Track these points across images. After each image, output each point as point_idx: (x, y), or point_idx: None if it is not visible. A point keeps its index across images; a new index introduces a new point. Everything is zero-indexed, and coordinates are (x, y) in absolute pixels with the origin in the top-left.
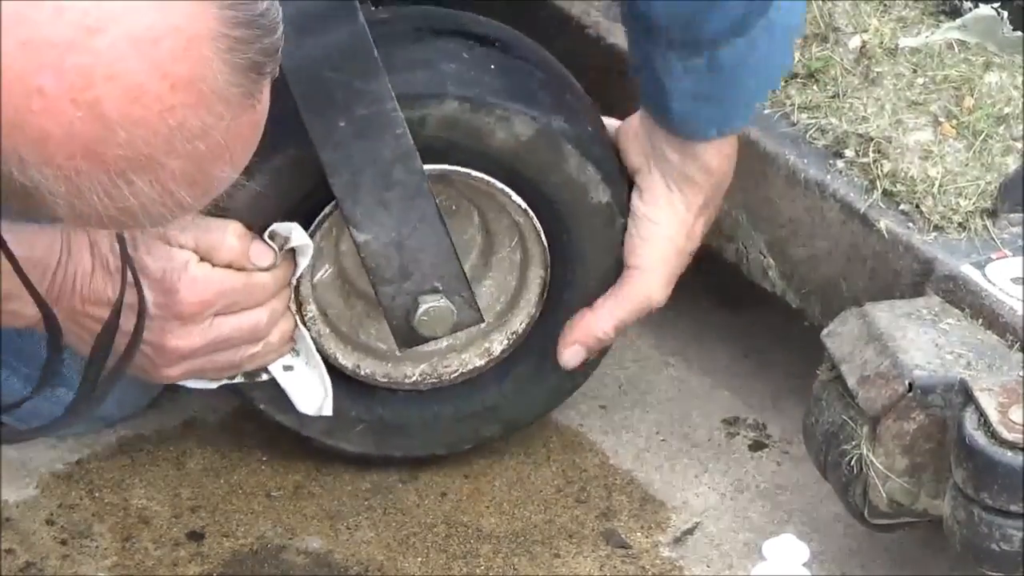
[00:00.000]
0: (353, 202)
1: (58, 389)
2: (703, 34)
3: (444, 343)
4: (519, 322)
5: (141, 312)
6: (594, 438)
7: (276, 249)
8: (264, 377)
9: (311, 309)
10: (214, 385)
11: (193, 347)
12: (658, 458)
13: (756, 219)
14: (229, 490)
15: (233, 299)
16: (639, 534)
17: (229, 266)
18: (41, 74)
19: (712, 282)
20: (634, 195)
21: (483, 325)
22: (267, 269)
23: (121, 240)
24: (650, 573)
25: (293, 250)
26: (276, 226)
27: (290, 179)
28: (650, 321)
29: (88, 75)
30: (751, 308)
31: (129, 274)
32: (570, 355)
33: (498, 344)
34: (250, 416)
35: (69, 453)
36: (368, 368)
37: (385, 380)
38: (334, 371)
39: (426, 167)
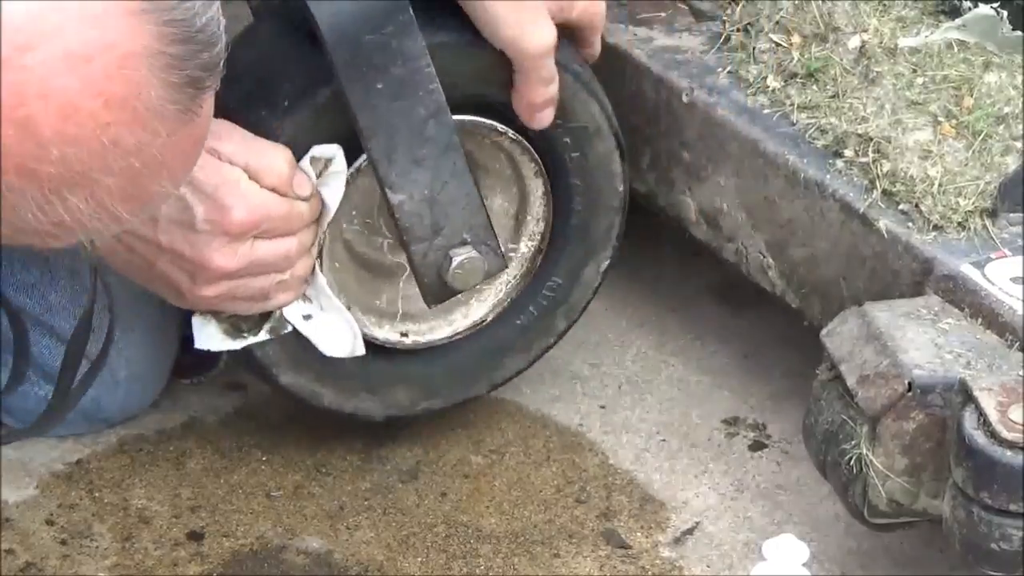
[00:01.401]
0: (389, 163)
1: (48, 389)
2: None
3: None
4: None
5: (112, 316)
6: (594, 438)
7: (314, 176)
8: (288, 328)
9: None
10: (238, 345)
11: (234, 266)
12: (658, 458)
13: (756, 219)
14: (229, 490)
15: (274, 224)
16: (639, 534)
17: (273, 191)
18: None
19: (712, 282)
20: None
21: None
22: (305, 199)
23: (94, 261)
24: (650, 573)
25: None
26: (315, 150)
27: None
28: (650, 321)
29: (20, 93)
30: (751, 308)
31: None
32: (540, 120)
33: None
34: (250, 416)
35: (69, 453)
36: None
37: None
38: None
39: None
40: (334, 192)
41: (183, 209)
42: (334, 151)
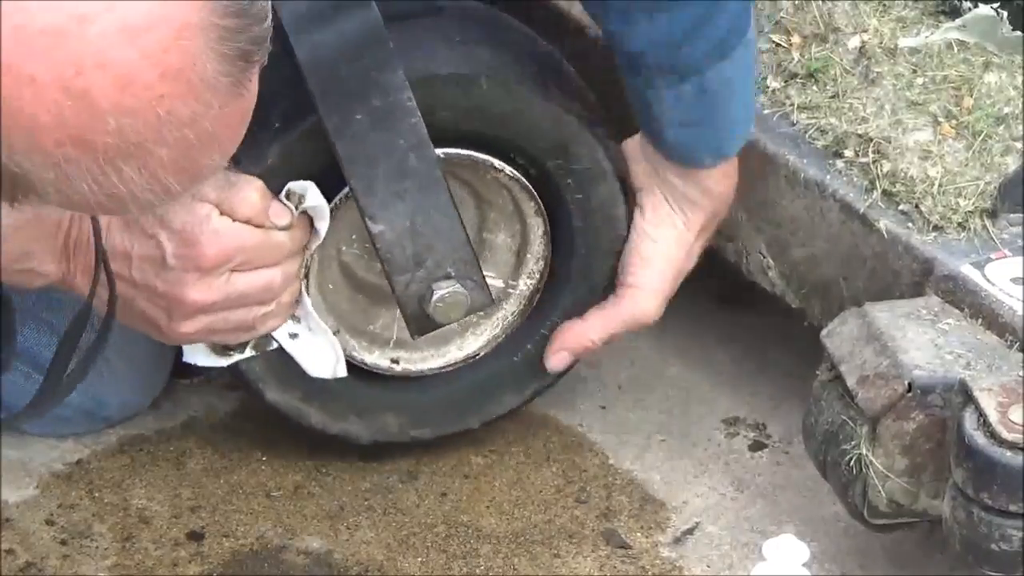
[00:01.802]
0: (369, 194)
1: (40, 380)
2: (688, 60)
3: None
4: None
5: (111, 302)
6: (594, 438)
7: (293, 209)
8: (273, 346)
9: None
10: (224, 362)
11: (210, 300)
12: (658, 458)
13: (756, 219)
14: (229, 490)
15: (251, 256)
16: (639, 534)
17: (248, 222)
18: (32, 62)
19: (712, 282)
20: (636, 213)
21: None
22: (284, 228)
23: (96, 228)
24: (650, 573)
25: (310, 217)
26: (291, 185)
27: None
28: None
29: (79, 63)
30: (751, 308)
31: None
32: (557, 360)
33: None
34: (250, 416)
35: (69, 453)
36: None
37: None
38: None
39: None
40: (321, 219)
41: (154, 246)
42: (306, 187)
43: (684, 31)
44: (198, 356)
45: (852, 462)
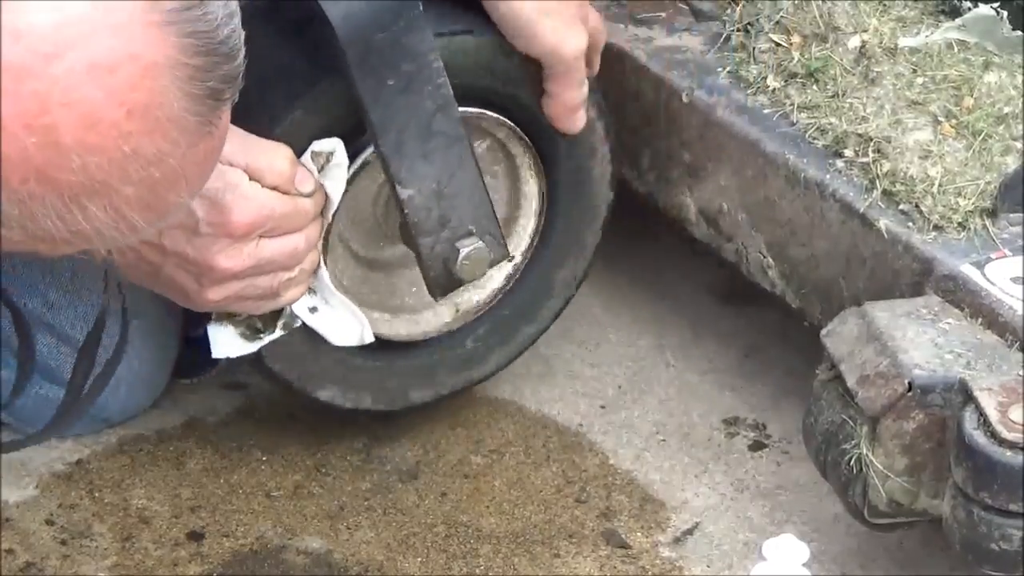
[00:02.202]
0: (399, 159)
1: (55, 389)
2: None
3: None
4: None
5: (125, 316)
6: (594, 438)
7: (316, 171)
8: (298, 323)
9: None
10: (255, 346)
11: (240, 267)
12: (658, 458)
13: (756, 219)
14: (229, 490)
15: (279, 222)
16: (639, 534)
17: (275, 189)
18: None
19: (712, 282)
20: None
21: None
22: (309, 195)
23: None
24: (650, 573)
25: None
26: (316, 144)
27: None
28: (650, 321)
29: (44, 101)
30: (751, 308)
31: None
32: (573, 123)
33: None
34: (250, 416)
35: (69, 453)
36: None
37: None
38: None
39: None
40: (336, 185)
41: (186, 213)
42: (334, 144)
43: None
44: (230, 347)
45: (852, 462)
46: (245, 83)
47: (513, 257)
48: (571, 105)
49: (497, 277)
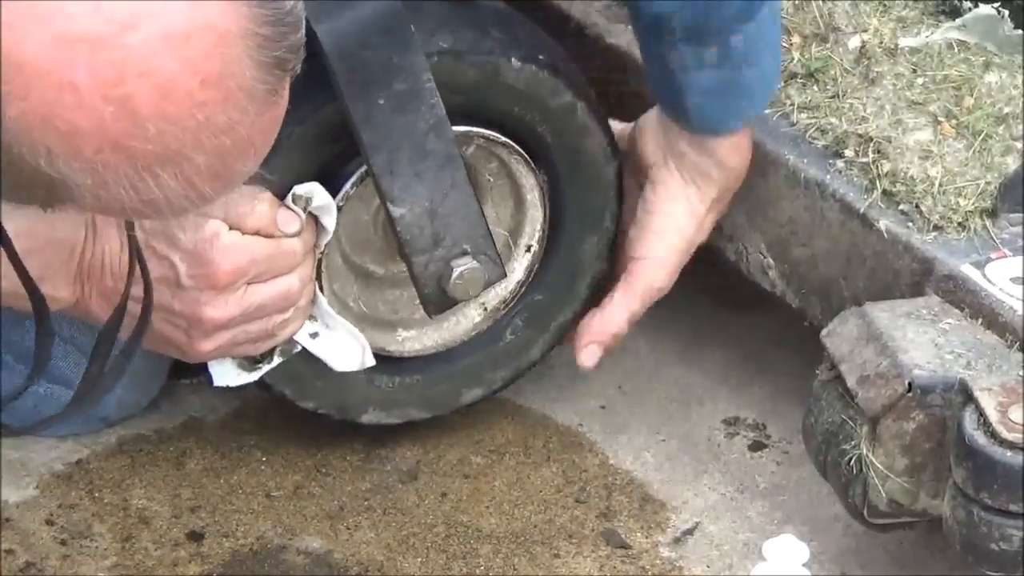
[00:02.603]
0: (391, 177)
1: (56, 388)
2: (713, 23)
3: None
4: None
5: (147, 303)
6: (594, 438)
7: (301, 213)
8: (298, 349)
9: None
10: (255, 375)
11: (229, 316)
12: (658, 458)
13: (756, 219)
14: (229, 490)
15: (265, 266)
16: (639, 534)
17: (257, 233)
18: (74, 69)
19: (712, 282)
20: (647, 188)
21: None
22: (295, 235)
23: (131, 230)
24: (650, 573)
25: (316, 216)
26: (296, 188)
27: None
28: (650, 321)
29: (120, 71)
30: (751, 308)
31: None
32: (587, 356)
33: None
34: (250, 416)
35: (69, 453)
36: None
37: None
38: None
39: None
40: (328, 218)
41: (167, 267)
42: (312, 189)
43: None
44: (229, 377)
45: (852, 462)
46: None
47: (531, 247)
48: (606, 329)
49: (518, 270)
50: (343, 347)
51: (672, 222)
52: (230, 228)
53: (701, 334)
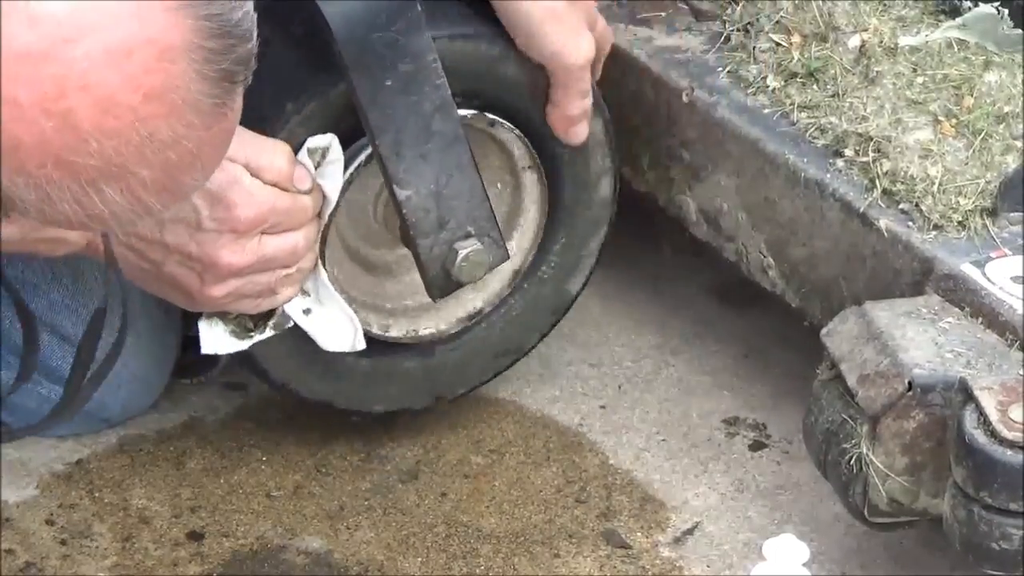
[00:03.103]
0: (397, 159)
1: (58, 389)
2: None
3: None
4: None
5: (125, 312)
6: (594, 438)
7: (312, 169)
8: (290, 323)
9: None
10: (246, 344)
11: (243, 263)
12: (658, 458)
13: (756, 219)
14: (229, 490)
15: (280, 218)
16: (639, 534)
17: (275, 186)
18: (15, 84)
19: (712, 282)
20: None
21: None
22: (307, 192)
23: (106, 240)
24: (650, 573)
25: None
26: (311, 141)
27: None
28: (650, 321)
29: (61, 85)
30: (751, 308)
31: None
32: (575, 134)
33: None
34: (250, 416)
35: (69, 453)
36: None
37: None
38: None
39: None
40: (333, 183)
41: (189, 209)
42: (329, 140)
43: None
44: (220, 343)
45: (852, 461)
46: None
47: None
48: (574, 115)
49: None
50: (335, 326)
51: (536, 7)
52: (251, 176)
53: (701, 334)
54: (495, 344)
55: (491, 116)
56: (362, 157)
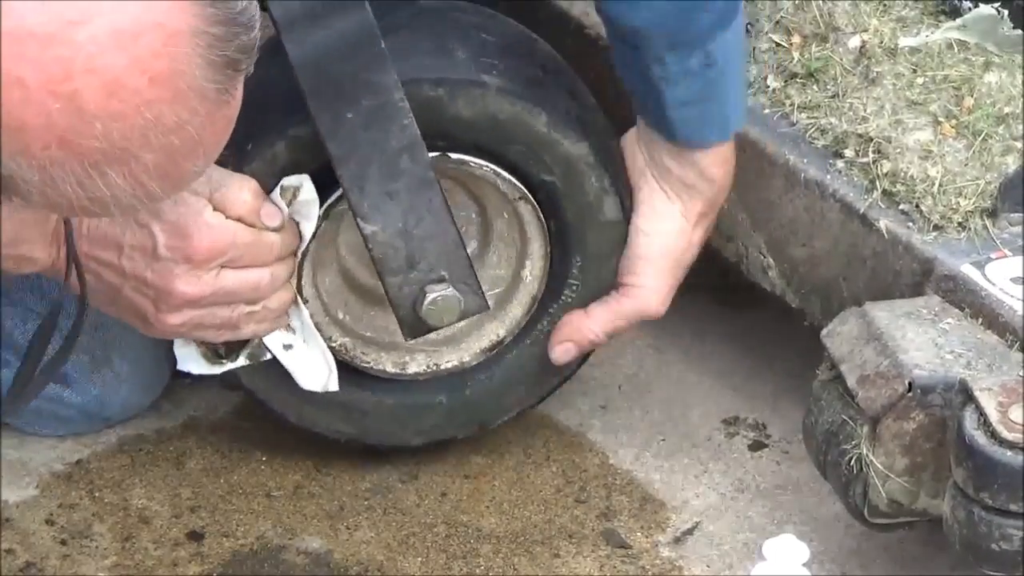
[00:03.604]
0: (360, 193)
1: (53, 385)
2: (694, 31)
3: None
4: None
5: (83, 298)
6: (594, 438)
7: (285, 207)
8: (267, 356)
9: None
10: (217, 370)
11: (198, 294)
12: (658, 458)
13: (756, 219)
14: (229, 490)
15: (242, 252)
16: (639, 534)
17: (239, 220)
18: (22, 65)
19: (712, 282)
20: (634, 209)
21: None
22: (276, 230)
23: (68, 229)
24: (650, 573)
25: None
26: (286, 180)
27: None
28: (650, 321)
29: (68, 68)
30: (751, 308)
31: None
32: (561, 352)
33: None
34: (250, 416)
35: (69, 453)
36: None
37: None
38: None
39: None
40: (308, 222)
41: (146, 236)
42: (301, 180)
43: (688, 4)
44: (191, 364)
45: (852, 462)
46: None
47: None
48: (586, 340)
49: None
50: (312, 365)
51: (660, 243)
52: (214, 209)
53: (702, 333)
54: (532, 368)
55: (457, 156)
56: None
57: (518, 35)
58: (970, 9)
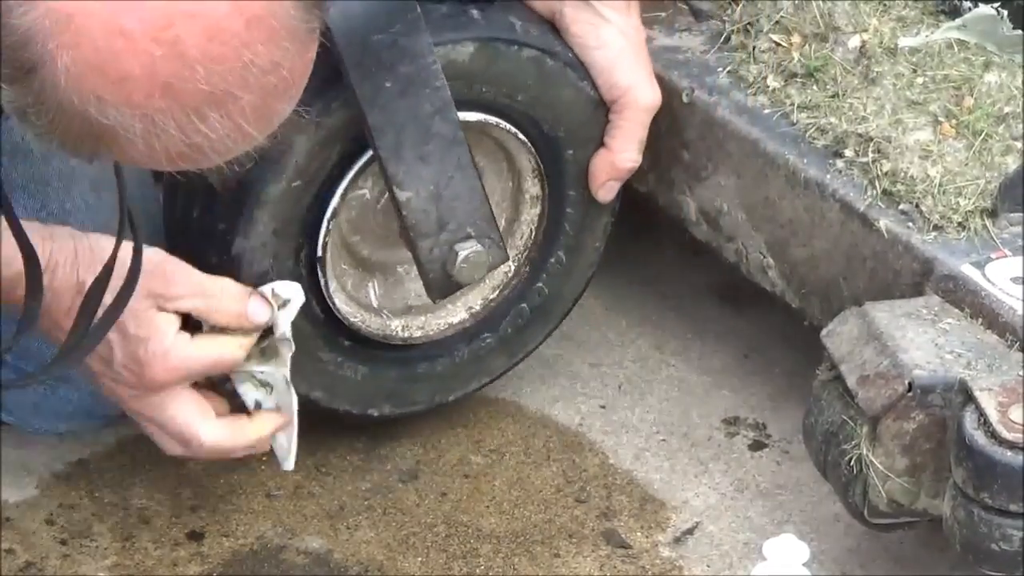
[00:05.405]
0: (397, 161)
1: (54, 384)
2: None
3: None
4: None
5: (135, 267)
6: (594, 438)
7: (275, 307)
8: (292, 350)
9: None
10: (280, 384)
11: (142, 413)
12: (658, 458)
13: (756, 219)
14: (229, 490)
15: (201, 375)
16: (639, 534)
17: (224, 328)
18: (124, 15)
19: (712, 282)
20: (570, 35)
21: None
22: (259, 327)
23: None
24: (650, 573)
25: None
26: (276, 286)
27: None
28: (650, 321)
29: (169, 14)
30: (751, 308)
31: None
32: (607, 191)
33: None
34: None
35: (69, 453)
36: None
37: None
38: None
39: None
40: (284, 325)
41: (105, 343)
42: (294, 292)
43: None
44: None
45: (852, 462)
46: None
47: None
48: (622, 166)
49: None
50: (278, 433)
51: (614, 45)
52: (194, 318)
53: (701, 333)
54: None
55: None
56: (361, 162)
57: None
58: (970, 9)
